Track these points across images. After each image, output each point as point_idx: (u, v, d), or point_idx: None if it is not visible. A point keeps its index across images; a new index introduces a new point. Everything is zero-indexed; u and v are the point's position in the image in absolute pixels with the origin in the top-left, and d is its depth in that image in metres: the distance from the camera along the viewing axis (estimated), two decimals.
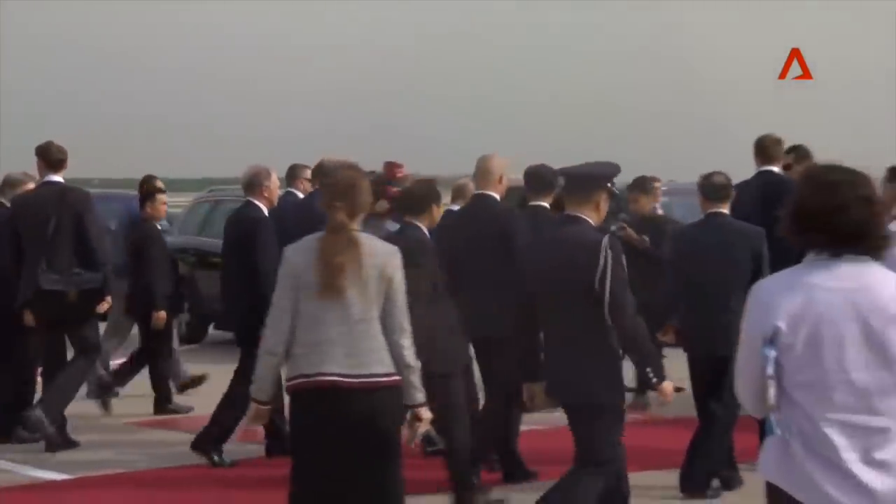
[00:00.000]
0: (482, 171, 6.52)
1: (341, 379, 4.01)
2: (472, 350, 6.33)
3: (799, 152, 7.53)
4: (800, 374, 2.79)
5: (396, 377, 4.08)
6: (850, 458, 2.74)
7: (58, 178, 7.37)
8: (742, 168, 7.57)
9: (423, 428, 4.29)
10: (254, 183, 7.03)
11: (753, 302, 2.91)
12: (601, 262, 4.66)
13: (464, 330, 5.94)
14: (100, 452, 7.46)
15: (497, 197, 6.40)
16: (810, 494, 2.77)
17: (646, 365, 4.92)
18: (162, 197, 8.50)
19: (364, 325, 4.04)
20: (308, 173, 7.89)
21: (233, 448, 7.01)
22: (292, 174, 8.18)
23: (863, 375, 2.77)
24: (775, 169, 7.18)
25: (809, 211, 2.83)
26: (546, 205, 6.62)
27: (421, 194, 6.09)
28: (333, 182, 4.37)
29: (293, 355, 4.10)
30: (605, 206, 4.95)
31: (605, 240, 4.76)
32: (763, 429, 3.36)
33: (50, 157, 7.35)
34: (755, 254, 5.86)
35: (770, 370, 2.79)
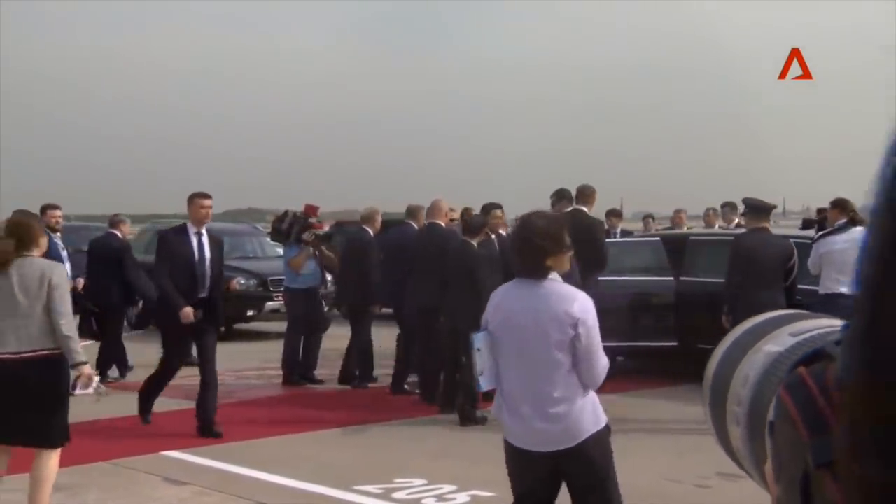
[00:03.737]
0: (434, 208, 9.96)
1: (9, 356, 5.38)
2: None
3: (561, 195, 10.01)
4: (500, 349, 3.88)
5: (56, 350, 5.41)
6: (529, 412, 3.79)
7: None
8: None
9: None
10: (368, 217, 10.73)
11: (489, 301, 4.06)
12: (794, 251, 8.34)
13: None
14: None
15: (443, 224, 9.89)
16: (510, 435, 3.91)
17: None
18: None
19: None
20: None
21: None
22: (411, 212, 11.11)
23: (538, 355, 3.78)
24: (585, 209, 9.72)
25: (520, 246, 3.94)
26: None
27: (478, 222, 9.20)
28: (6, 223, 5.70)
29: None
30: (770, 222, 8.65)
31: (791, 241, 8.55)
32: None
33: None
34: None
35: (477, 345, 3.86)
